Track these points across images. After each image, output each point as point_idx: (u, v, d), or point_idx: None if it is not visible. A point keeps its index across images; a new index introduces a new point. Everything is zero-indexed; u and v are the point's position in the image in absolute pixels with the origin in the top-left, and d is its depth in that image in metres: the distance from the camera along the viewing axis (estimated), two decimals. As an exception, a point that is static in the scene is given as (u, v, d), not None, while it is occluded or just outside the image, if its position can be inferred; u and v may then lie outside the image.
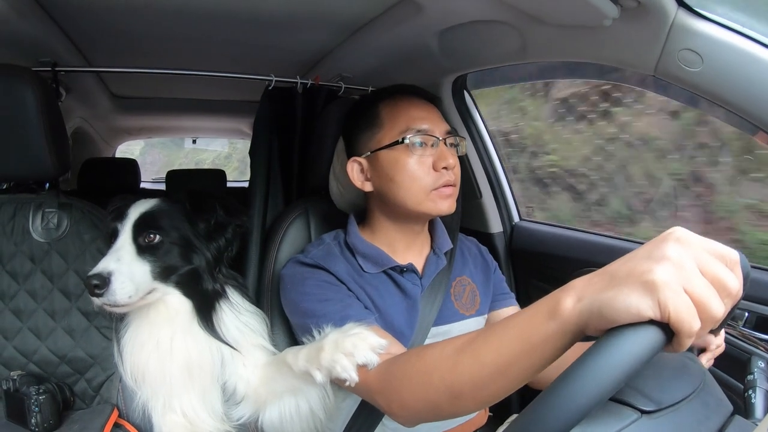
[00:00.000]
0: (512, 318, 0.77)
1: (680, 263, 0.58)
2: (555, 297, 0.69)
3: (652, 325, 0.57)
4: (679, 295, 0.56)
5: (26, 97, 1.33)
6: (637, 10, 1.07)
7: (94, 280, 1.17)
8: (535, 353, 0.70)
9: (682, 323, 0.55)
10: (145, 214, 1.30)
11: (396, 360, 0.98)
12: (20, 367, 1.45)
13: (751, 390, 0.89)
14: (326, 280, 1.27)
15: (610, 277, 0.63)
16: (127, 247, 1.27)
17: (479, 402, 0.82)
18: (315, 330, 1.18)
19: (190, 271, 1.34)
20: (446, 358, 0.85)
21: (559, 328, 0.67)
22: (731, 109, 1.08)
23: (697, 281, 0.57)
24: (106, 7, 1.52)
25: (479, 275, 1.50)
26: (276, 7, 1.52)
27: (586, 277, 0.67)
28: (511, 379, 0.75)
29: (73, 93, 2.46)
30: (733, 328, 1.27)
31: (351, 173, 1.38)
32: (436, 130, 1.31)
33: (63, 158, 1.43)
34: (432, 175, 1.28)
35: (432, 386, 0.86)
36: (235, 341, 1.37)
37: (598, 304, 0.62)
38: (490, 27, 1.40)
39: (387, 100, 1.36)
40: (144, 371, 1.34)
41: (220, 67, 1.94)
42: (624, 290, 0.59)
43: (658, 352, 0.57)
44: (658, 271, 0.57)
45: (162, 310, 1.33)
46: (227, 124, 4.39)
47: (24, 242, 1.47)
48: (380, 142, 1.32)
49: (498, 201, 2.02)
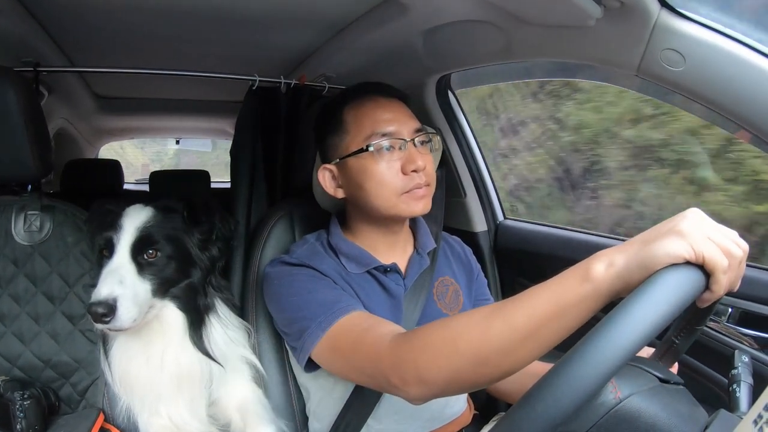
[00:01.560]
0: (542, 284, 0.80)
1: (699, 222, 0.70)
2: (584, 264, 0.76)
3: (690, 266, 0.67)
4: (706, 240, 0.67)
5: (8, 97, 1.31)
6: (621, 11, 1.08)
7: (100, 308, 1.15)
8: (566, 315, 0.76)
9: (715, 260, 0.66)
10: (144, 229, 1.28)
11: (415, 331, 0.98)
12: (4, 373, 1.43)
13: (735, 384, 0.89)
14: (312, 275, 1.26)
15: (643, 242, 0.72)
16: (127, 266, 1.25)
17: (502, 370, 0.84)
18: (302, 323, 1.17)
19: (187, 284, 1.35)
20: (476, 323, 0.86)
21: (593, 290, 0.73)
22: (713, 108, 1.09)
23: (716, 233, 0.69)
24: (89, 7, 1.51)
25: (462, 276, 1.50)
26: (260, 6, 1.52)
27: (614, 247, 0.75)
28: (539, 342, 0.79)
29: (56, 93, 2.44)
30: (717, 324, 1.29)
31: (323, 181, 1.36)
32: (403, 131, 1.27)
33: (45, 160, 1.42)
34: (401, 179, 1.25)
35: (458, 353, 0.86)
36: (223, 355, 1.38)
37: (637, 260, 0.70)
38: (474, 27, 1.40)
39: (351, 103, 1.33)
40: (133, 382, 1.34)
41: (204, 66, 1.94)
42: (659, 242, 0.69)
43: (699, 293, 0.67)
44: (684, 224, 0.69)
45: (155, 325, 1.32)
46: (211, 124, 4.36)
47: (6, 245, 1.46)
48: (347, 149, 1.29)
49: (482, 200, 2.03)
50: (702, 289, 0.67)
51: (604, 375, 0.60)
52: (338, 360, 1.14)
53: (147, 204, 1.38)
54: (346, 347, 1.10)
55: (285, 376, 1.46)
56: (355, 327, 1.10)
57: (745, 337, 1.25)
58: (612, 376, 0.60)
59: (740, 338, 1.25)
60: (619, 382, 0.71)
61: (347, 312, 1.13)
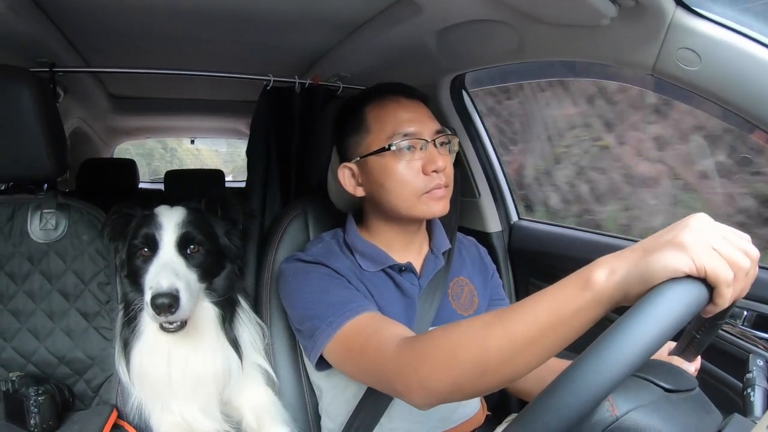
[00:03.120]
0: (542, 292, 0.79)
1: (703, 230, 0.67)
2: (585, 271, 0.73)
3: (693, 280, 0.64)
4: (709, 251, 0.64)
5: (24, 97, 1.33)
6: (635, 9, 1.07)
7: (165, 299, 1.16)
8: (565, 325, 0.74)
9: (718, 273, 0.63)
10: (183, 226, 1.32)
11: (416, 339, 0.98)
12: (19, 368, 1.45)
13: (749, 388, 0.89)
14: (327, 273, 1.26)
15: (643, 250, 0.69)
16: (176, 259, 1.28)
17: (503, 378, 0.83)
18: (314, 322, 1.17)
19: (225, 274, 1.40)
20: (474, 332, 0.85)
21: (593, 299, 0.71)
22: (729, 108, 1.08)
23: (721, 242, 0.66)
24: (104, 8, 1.52)
25: (477, 276, 1.50)
26: (274, 6, 1.52)
27: (616, 253, 0.72)
28: (538, 352, 0.77)
29: (71, 93, 2.46)
30: (732, 327, 1.27)
31: (342, 179, 1.36)
32: (424, 132, 1.28)
33: (61, 159, 1.44)
34: (422, 179, 1.26)
35: (458, 362, 0.85)
36: (247, 352, 1.41)
37: (636, 272, 0.68)
38: (488, 26, 1.40)
39: (373, 102, 1.33)
40: (149, 380, 1.36)
41: (218, 67, 1.94)
42: (659, 254, 0.66)
43: (701, 307, 0.64)
44: (685, 235, 0.66)
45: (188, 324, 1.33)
46: (225, 124, 4.39)
47: (22, 243, 1.47)
48: (368, 148, 1.30)
49: (496, 200, 2.02)
50: (705, 302, 0.64)
51: (597, 394, 0.59)
52: (348, 361, 1.14)
53: (173, 205, 1.40)
54: (355, 349, 1.10)
55: (298, 374, 1.47)
56: (363, 330, 1.10)
57: (760, 341, 1.23)
58: (607, 395, 0.59)
59: (756, 342, 1.24)
60: (618, 398, 0.70)
61: (358, 313, 1.13)
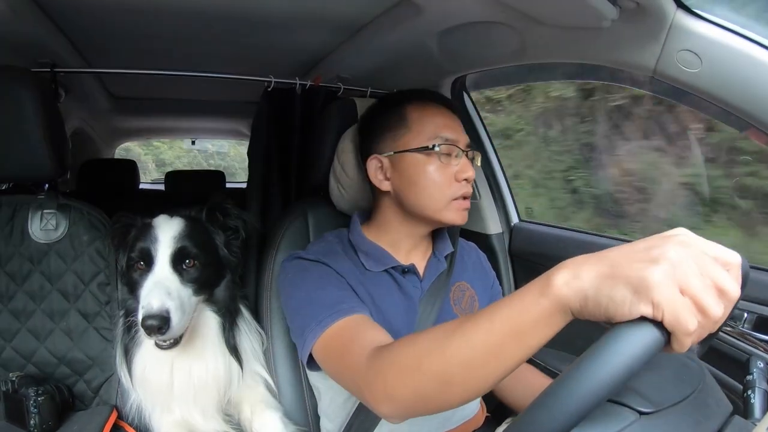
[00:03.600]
0: (503, 299, 0.75)
1: (678, 263, 0.58)
2: (547, 275, 0.68)
3: (650, 324, 0.57)
4: (674, 295, 0.57)
5: (25, 98, 1.33)
6: (636, 11, 1.07)
7: (155, 321, 1.16)
8: (525, 333, 0.70)
9: (678, 322, 0.56)
10: (179, 239, 1.31)
11: (386, 347, 0.95)
12: (19, 369, 1.45)
13: (750, 390, 0.88)
14: (326, 273, 1.26)
15: (610, 265, 0.63)
16: (170, 277, 1.27)
17: (469, 390, 0.80)
18: (305, 319, 1.17)
19: (224, 284, 1.40)
20: (437, 341, 0.82)
21: (550, 306, 0.67)
22: (730, 110, 1.08)
23: (695, 281, 0.57)
24: (105, 8, 1.52)
25: (477, 281, 1.50)
26: (275, 8, 1.52)
27: (583, 257, 0.67)
28: (502, 361, 0.73)
29: (72, 94, 2.46)
30: (732, 329, 1.27)
31: (370, 170, 1.37)
32: (460, 141, 1.31)
33: (62, 159, 1.44)
34: (454, 185, 1.29)
35: (421, 372, 0.83)
36: (247, 360, 1.42)
37: (595, 290, 0.62)
38: (489, 28, 1.40)
39: (415, 103, 1.35)
40: (151, 386, 1.36)
41: (220, 68, 1.94)
42: (620, 285, 0.60)
43: (657, 352, 0.57)
44: (654, 271, 0.58)
45: (189, 335, 1.33)
46: (226, 125, 4.39)
47: (23, 243, 1.48)
48: (407, 144, 1.31)
49: (497, 202, 2.02)
50: (661, 345, 0.58)
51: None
52: (329, 363, 1.13)
53: (172, 215, 1.39)
54: (336, 352, 1.09)
55: (298, 375, 1.47)
56: (347, 332, 1.09)
57: (760, 343, 1.23)
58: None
59: (756, 344, 1.24)
60: (582, 430, 0.62)
61: (347, 314, 1.12)
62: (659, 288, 0.57)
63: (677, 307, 0.56)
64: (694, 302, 0.57)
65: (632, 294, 0.59)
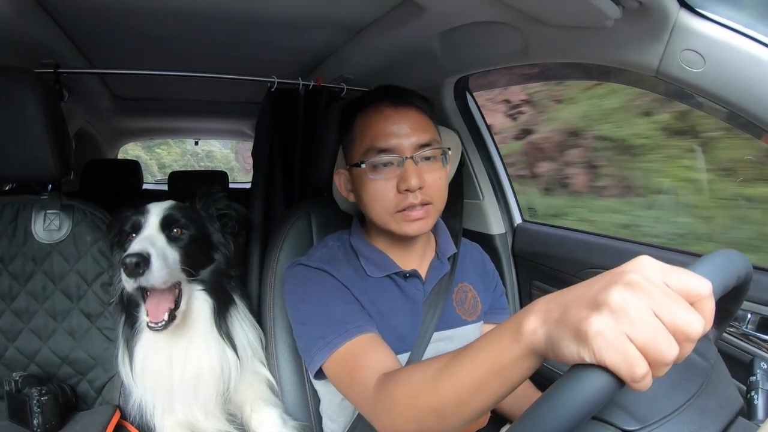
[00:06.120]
0: (482, 339, 0.77)
1: (622, 310, 0.55)
2: (518, 319, 0.67)
3: (600, 369, 0.55)
4: (614, 345, 0.54)
5: (28, 98, 1.33)
6: (639, 11, 1.07)
7: (134, 258, 1.17)
8: (505, 372, 0.70)
9: (620, 371, 0.53)
10: (168, 210, 1.35)
11: (387, 381, 0.98)
12: (22, 368, 1.45)
13: (753, 392, 0.88)
14: (329, 283, 1.24)
15: (563, 310, 0.61)
16: (156, 235, 1.30)
17: (465, 419, 0.82)
18: (312, 337, 1.17)
19: (214, 268, 1.40)
20: (428, 381, 0.85)
21: (522, 352, 0.66)
22: (733, 110, 1.07)
23: (641, 327, 0.54)
24: (108, 9, 1.52)
25: (479, 282, 1.49)
26: (278, 8, 1.52)
27: (547, 300, 0.66)
28: (489, 396, 0.75)
29: (76, 94, 2.47)
30: (735, 330, 1.26)
31: (338, 183, 1.37)
32: (403, 146, 1.22)
33: (65, 160, 1.44)
34: (395, 197, 1.22)
35: (419, 409, 0.86)
36: (243, 353, 1.42)
37: (554, 337, 0.61)
38: (491, 28, 1.40)
39: (364, 110, 1.29)
40: (152, 380, 1.36)
41: (223, 68, 1.94)
42: (567, 332, 0.59)
43: (613, 393, 0.55)
44: (593, 321, 0.55)
45: (182, 322, 1.33)
46: (229, 125, 4.40)
47: (26, 243, 1.48)
48: (351, 159, 1.29)
49: (500, 202, 2.02)
50: (616, 387, 0.54)
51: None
52: (338, 384, 1.15)
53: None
54: (345, 375, 1.11)
55: (301, 375, 1.47)
56: (351, 359, 1.10)
57: (764, 344, 1.22)
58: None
59: (760, 345, 1.23)
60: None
61: (354, 335, 1.12)
62: (596, 339, 0.54)
63: (617, 358, 0.53)
64: (643, 348, 0.53)
65: (575, 342, 0.57)
